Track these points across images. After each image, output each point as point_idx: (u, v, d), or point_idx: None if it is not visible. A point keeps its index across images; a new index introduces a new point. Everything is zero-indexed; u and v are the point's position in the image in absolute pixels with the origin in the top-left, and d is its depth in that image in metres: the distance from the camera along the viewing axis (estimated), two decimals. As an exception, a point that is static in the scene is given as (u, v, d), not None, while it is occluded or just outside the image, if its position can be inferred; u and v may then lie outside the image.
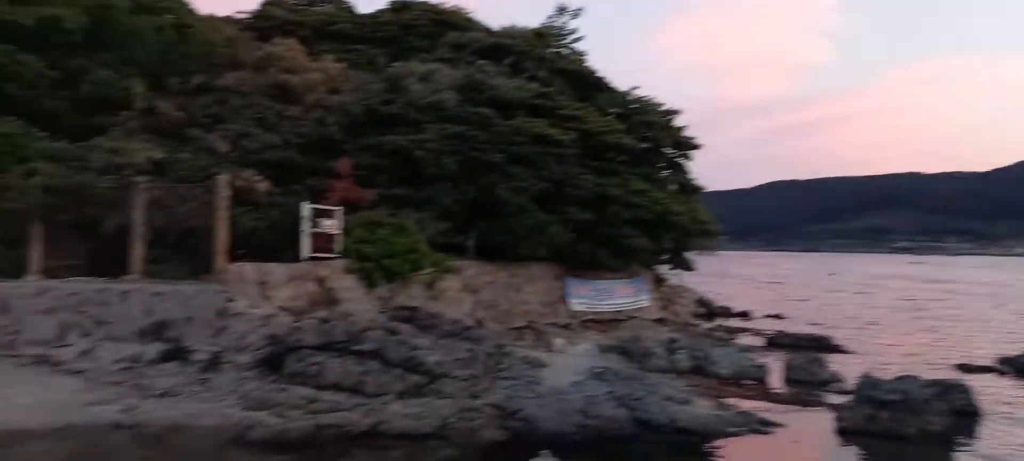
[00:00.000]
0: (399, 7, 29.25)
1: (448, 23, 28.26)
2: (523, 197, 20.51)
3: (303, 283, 16.85)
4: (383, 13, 29.40)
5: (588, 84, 27.42)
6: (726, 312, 33.81)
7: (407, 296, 17.94)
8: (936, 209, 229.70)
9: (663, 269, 27.51)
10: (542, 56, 26.68)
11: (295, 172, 19.70)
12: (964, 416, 14.58)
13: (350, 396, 13.62)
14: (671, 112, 27.40)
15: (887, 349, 24.26)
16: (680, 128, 27.33)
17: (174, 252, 16.73)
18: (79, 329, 15.03)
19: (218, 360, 14.57)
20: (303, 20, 27.83)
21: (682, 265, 27.18)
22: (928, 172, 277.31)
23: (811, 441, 13.48)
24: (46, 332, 15.04)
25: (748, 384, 17.51)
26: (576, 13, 29.70)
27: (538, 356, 17.36)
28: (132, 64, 20.96)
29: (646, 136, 25.58)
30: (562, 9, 29.66)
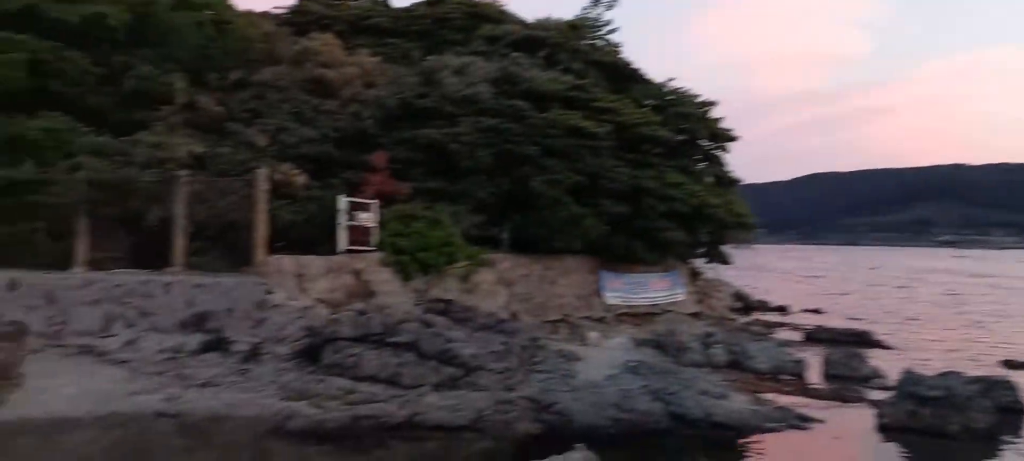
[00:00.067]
0: (433, 1, 29.33)
1: (482, 16, 28.27)
2: (557, 190, 20.47)
3: (340, 276, 17.05)
4: (418, 7, 29.51)
5: (623, 76, 27.24)
6: (763, 306, 33.39)
7: (442, 289, 18.05)
8: (980, 201, 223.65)
9: (699, 263, 27.26)
10: (577, 48, 26.58)
11: (332, 166, 19.92)
12: (1009, 413, 14.24)
13: (386, 387, 13.76)
14: (707, 104, 27.10)
15: (929, 345, 23.77)
16: (716, 120, 27.02)
17: (215, 245, 17.04)
18: (123, 320, 15.40)
19: (257, 351, 14.81)
20: (339, 15, 28.07)
21: (718, 258, 26.91)
22: (972, 163, 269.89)
23: (852, 437, 13.27)
24: (91, 323, 15.44)
25: (786, 379, 17.27)
26: (611, 4, 29.56)
27: (572, 349, 17.34)
28: (173, 60, 21.36)
29: (682, 128, 25.33)
30: (597, 1, 29.52)
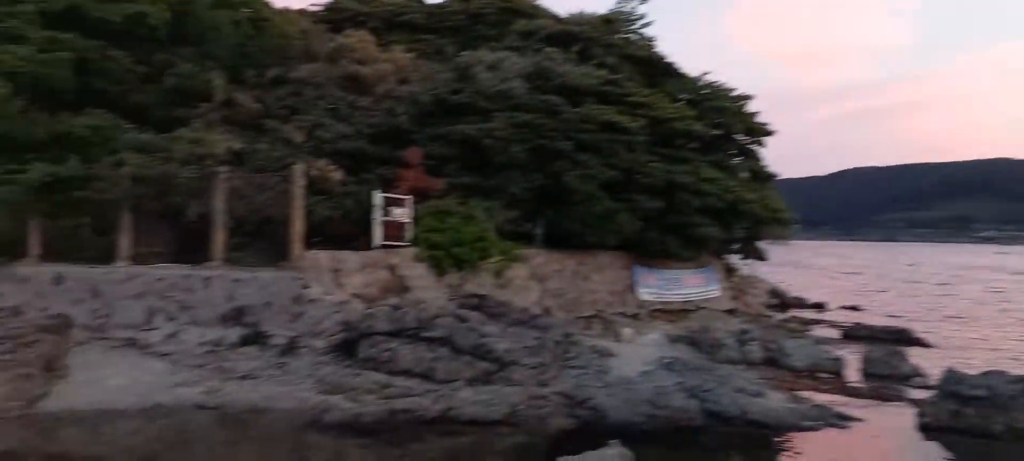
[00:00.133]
0: (467, -4, 29.38)
1: (516, 11, 28.25)
2: (591, 185, 20.41)
3: (375, 271, 17.20)
4: (451, 3, 29.58)
5: (657, 70, 27.05)
6: (800, 303, 32.94)
7: (476, 284, 18.12)
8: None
9: (734, 258, 27.00)
10: (610, 42, 26.43)
11: (367, 162, 20.10)
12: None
13: (421, 382, 13.89)
14: (743, 97, 26.80)
15: (971, 343, 23.26)
16: (752, 114, 26.73)
17: (253, 240, 17.29)
18: (165, 313, 15.72)
19: (295, 345, 15.03)
20: (373, 11, 28.26)
21: (754, 254, 26.63)
22: (1016, 157, 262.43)
23: (891, 436, 13.07)
24: (135, 316, 15.78)
25: (823, 377, 17.04)
26: (644, -2, 29.34)
27: (606, 345, 17.29)
28: (212, 58, 21.69)
29: (717, 122, 25.10)
30: (630, -6, 29.29)
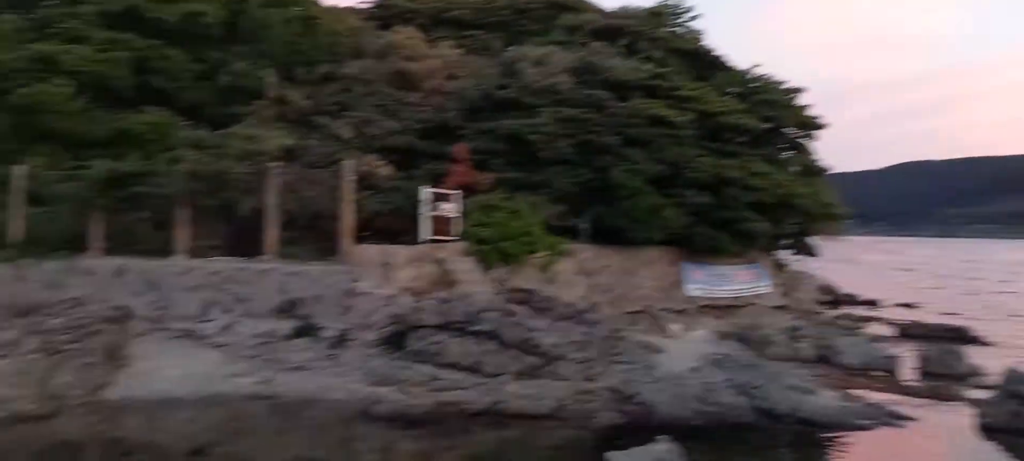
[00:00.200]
0: (513, -8, 29.41)
1: (562, 5, 28.20)
2: (638, 180, 20.27)
3: (423, 265, 17.36)
4: (498, -2, 29.66)
5: (705, 63, 26.73)
6: (852, 300, 32.24)
7: (522, 279, 18.16)
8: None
9: (785, 254, 26.54)
10: (657, 36, 26.20)
11: (415, 157, 20.31)
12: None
13: (469, 375, 13.98)
14: (794, 90, 26.28)
15: (1034, 342, 22.48)
16: (803, 107, 26.19)
17: (305, 234, 17.61)
18: (220, 306, 16.11)
19: (345, 337, 15.27)
20: (421, 8, 28.50)
21: (805, 250, 26.15)
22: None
23: (949, 436, 12.73)
24: (191, 308, 16.22)
25: (877, 375, 16.68)
26: (692, -10, 28.92)
27: (653, 341, 17.19)
28: (264, 56, 22.20)
29: (767, 116, 24.66)
30: (677, -14, 28.96)
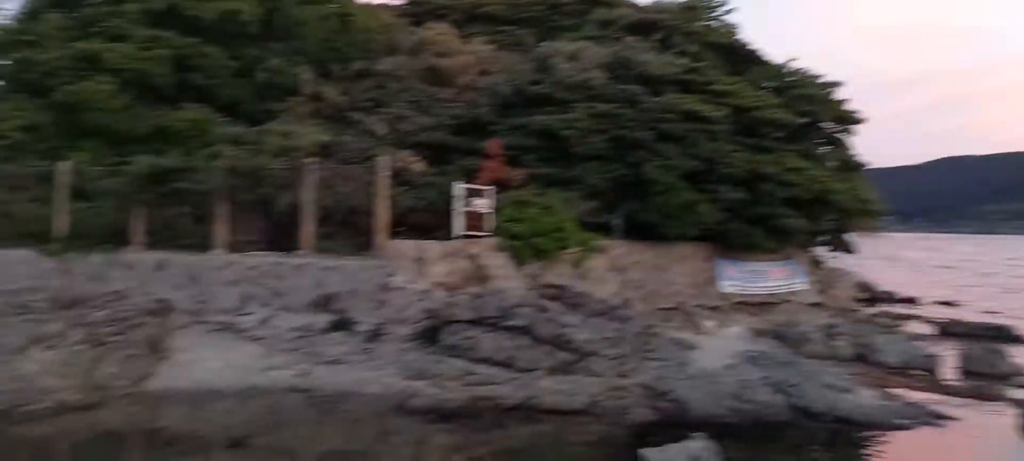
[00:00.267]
0: (546, -14, 29.34)
1: (595, 0, 28.07)
2: (672, 175, 20.14)
3: (456, 260, 17.46)
4: (531, -7, 29.62)
5: (740, 57, 26.40)
6: (890, 297, 31.71)
7: (555, 274, 18.18)
8: None
9: (821, 251, 26.16)
10: (692, 30, 25.95)
11: (448, 153, 20.40)
12: None
13: (502, 370, 14.06)
14: (831, 84, 25.84)
15: (1081, 342, 21.88)
16: (841, 101, 25.75)
17: (340, 229, 17.81)
18: (258, 299, 16.40)
19: (380, 331, 15.45)
20: (454, 4, 28.59)
21: (842, 247, 25.73)
22: None
23: (991, 437, 12.49)
24: (230, 301, 16.52)
25: (917, 374, 16.41)
26: (727, -16, 28.58)
27: (687, 338, 17.12)
28: (300, 53, 22.46)
29: (803, 111, 24.30)
30: (713, -20, 28.65)
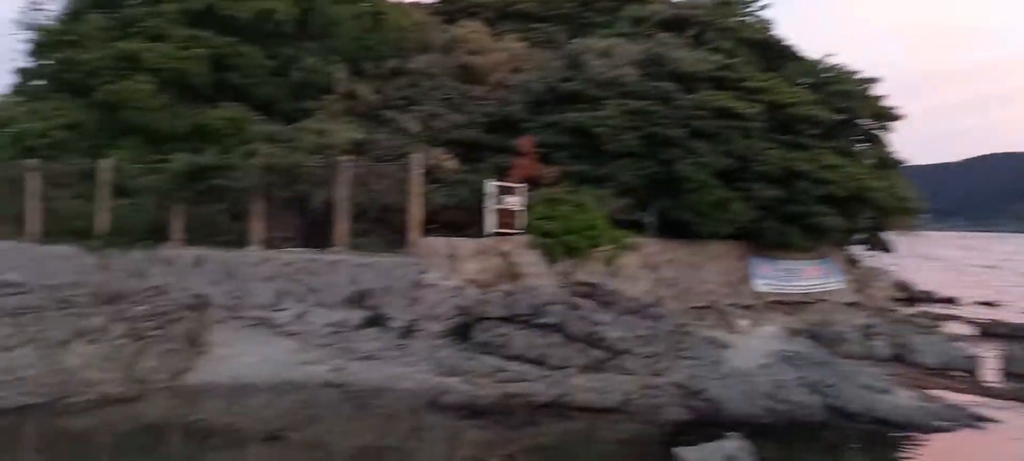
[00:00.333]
0: (579, -17, 29.21)
1: (627, -3, 27.86)
2: (705, 173, 19.97)
3: (488, 257, 17.50)
4: (563, -10, 29.50)
5: (775, 53, 26.04)
6: (929, 297, 31.12)
7: (587, 272, 18.14)
8: None
9: (858, 250, 25.76)
10: (725, 26, 25.68)
11: (480, 150, 20.45)
12: None
13: (534, 367, 14.09)
14: (868, 80, 25.40)
15: None
16: (878, 97, 25.30)
17: (374, 226, 17.95)
18: (293, 295, 16.61)
19: (413, 327, 15.55)
20: (486, 2, 28.59)
21: (879, 246, 25.31)
22: None
23: (1034, 440, 12.22)
24: (266, 297, 16.78)
25: (957, 376, 16.11)
26: (762, -21, 28.23)
27: (721, 337, 16.97)
28: (334, 51, 22.67)
29: (840, 107, 23.90)
30: (747, -24, 28.32)
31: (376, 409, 13.11)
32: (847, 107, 24.16)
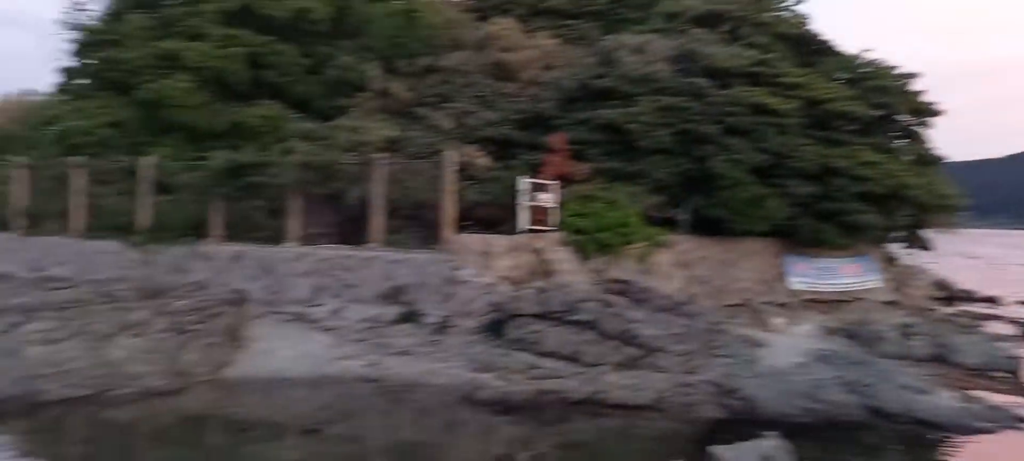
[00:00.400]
0: (612, -20, 29.05)
1: (661, -8, 27.66)
2: (739, 169, 19.80)
3: (521, 254, 17.55)
4: (596, -14, 29.35)
5: (812, 48, 25.67)
6: (969, 296, 30.49)
7: (620, 269, 18.11)
8: None
9: (896, 248, 25.34)
10: (761, 21, 25.37)
11: (513, 147, 20.47)
12: None
13: (567, 364, 14.12)
14: (907, 75, 24.94)
15: None
16: (917, 92, 24.85)
17: (408, 223, 18.11)
18: (329, 291, 16.82)
19: (447, 324, 15.67)
20: (518, -1, 28.56)
21: (918, 244, 24.86)
22: None
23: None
24: (302, 293, 17.01)
25: (999, 377, 15.79)
26: (798, -27, 27.85)
27: (755, 335, 16.84)
28: (368, 49, 22.88)
29: (878, 103, 23.52)
30: (783, -30, 27.95)
31: (410, 404, 13.26)
32: (885, 103, 23.77)
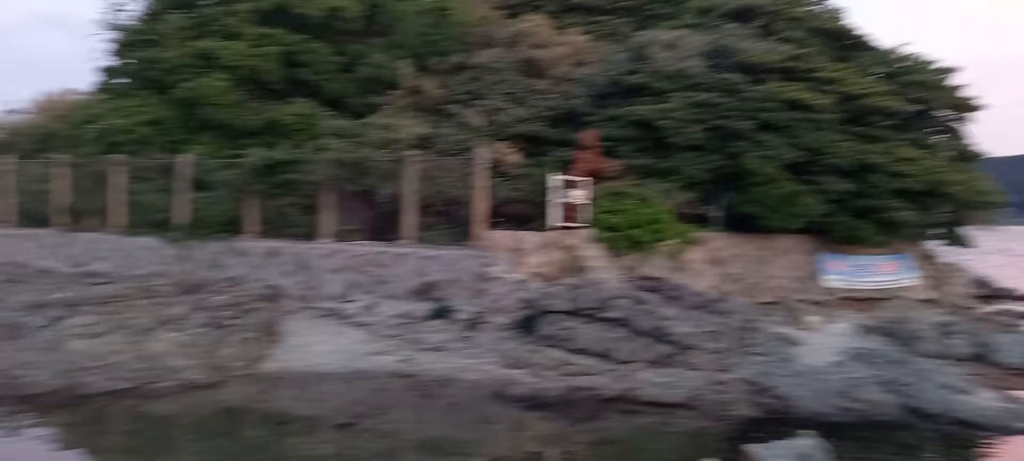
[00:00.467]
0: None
1: (693, -13, 27.44)
2: (773, 166, 19.60)
3: (553, 251, 17.55)
4: (627, -18, 29.19)
5: (847, 43, 25.32)
6: (1010, 294, 29.78)
7: (651, 266, 18.04)
8: None
9: (934, 245, 24.89)
10: (795, 15, 25.07)
11: (544, 144, 20.48)
12: None
13: (600, 361, 14.10)
14: (946, 70, 24.48)
15: None
16: (957, 87, 24.38)
17: (440, 219, 18.22)
18: (362, 287, 17.01)
19: (479, 320, 15.74)
20: (551, -5, 28.48)
21: (957, 241, 24.40)
22: None
23: None
24: (335, 288, 17.22)
25: (1042, 377, 15.44)
26: (832, -34, 27.43)
27: (790, 333, 16.65)
28: (400, 47, 23.03)
29: (916, 98, 23.13)
30: (817, -37, 27.56)
31: (443, 399, 13.34)
32: (923, 98, 23.36)
